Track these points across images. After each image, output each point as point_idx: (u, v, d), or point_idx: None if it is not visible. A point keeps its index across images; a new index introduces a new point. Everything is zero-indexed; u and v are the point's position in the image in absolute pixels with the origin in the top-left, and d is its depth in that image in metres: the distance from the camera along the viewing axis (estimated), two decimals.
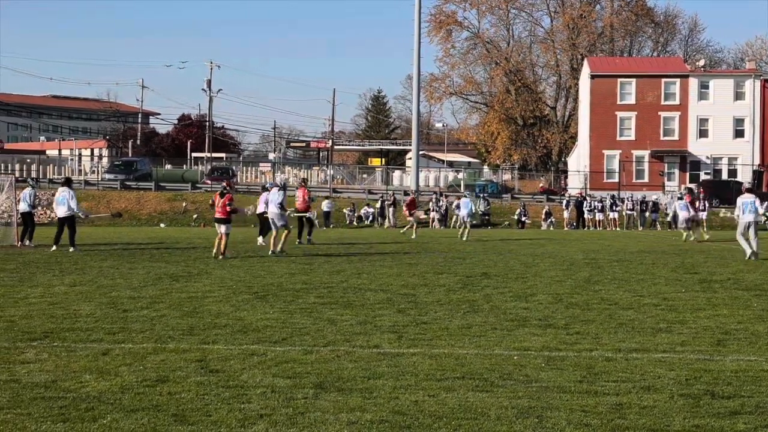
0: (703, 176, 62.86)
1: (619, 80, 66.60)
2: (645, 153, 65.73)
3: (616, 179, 62.46)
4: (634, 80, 66.41)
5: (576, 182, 66.53)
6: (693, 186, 47.36)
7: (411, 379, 7.43)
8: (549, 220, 49.63)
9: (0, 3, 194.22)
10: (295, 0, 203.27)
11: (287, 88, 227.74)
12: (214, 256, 20.55)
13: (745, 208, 21.19)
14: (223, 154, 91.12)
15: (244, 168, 75.64)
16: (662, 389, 7.14)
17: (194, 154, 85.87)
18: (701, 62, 73.28)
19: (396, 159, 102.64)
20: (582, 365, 8.06)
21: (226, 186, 22.05)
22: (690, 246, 27.83)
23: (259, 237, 26.16)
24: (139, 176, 60.16)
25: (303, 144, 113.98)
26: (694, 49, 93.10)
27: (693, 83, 65.87)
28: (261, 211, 25.48)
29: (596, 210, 49.27)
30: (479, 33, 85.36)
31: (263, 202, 25.39)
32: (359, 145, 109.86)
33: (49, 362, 8.07)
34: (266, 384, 7.22)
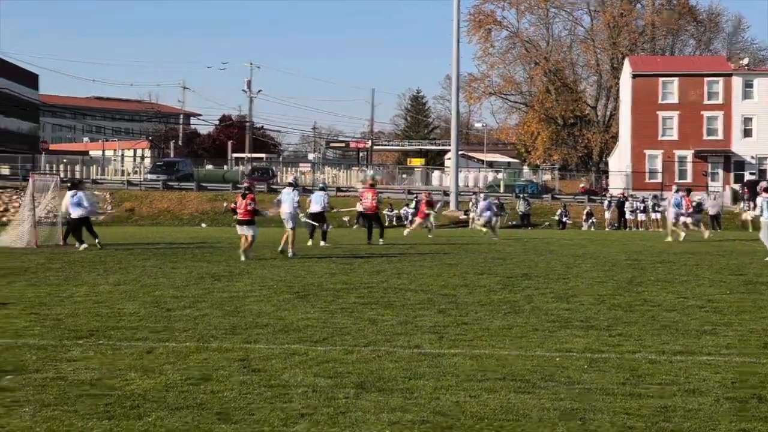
0: (748, 176, 62.01)
1: (661, 79, 65.96)
2: (688, 153, 65.03)
3: (659, 179, 61.88)
4: (676, 79, 65.72)
5: (617, 182, 66.01)
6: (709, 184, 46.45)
7: (452, 380, 7.42)
8: (590, 221, 49.28)
9: (45, 6, 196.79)
10: (337, 1, 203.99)
11: (327, 89, 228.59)
12: (242, 256, 20.23)
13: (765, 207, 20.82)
14: (263, 155, 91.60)
15: (284, 168, 75.90)
16: (707, 392, 7.06)
17: (235, 155, 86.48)
18: (745, 61, 72.30)
19: (435, 159, 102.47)
20: (625, 367, 7.99)
21: (248, 186, 21.57)
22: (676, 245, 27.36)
23: (322, 241, 26.18)
24: (181, 176, 60.63)
25: (342, 144, 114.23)
26: (738, 48, 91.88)
27: (737, 82, 65.04)
28: (314, 211, 25.93)
29: (638, 211, 48.82)
30: (518, 32, 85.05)
31: (314, 203, 25.91)
32: (398, 146, 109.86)
33: (95, 360, 8.17)
34: (307, 383, 7.25)
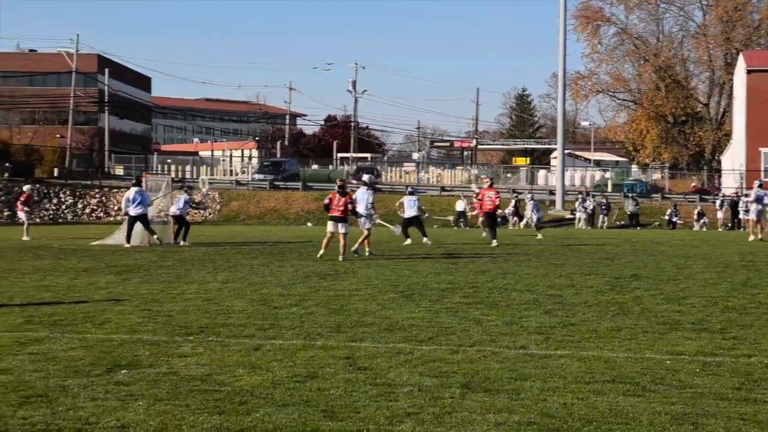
0: None
1: None
2: None
3: None
4: None
5: (731, 182, 64.02)
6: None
7: (559, 381, 7.32)
8: (702, 221, 47.95)
9: (160, 11, 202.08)
10: (439, 0, 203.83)
11: (431, 88, 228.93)
12: (320, 257, 20.09)
13: None
14: (368, 154, 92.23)
15: (389, 168, 76.31)
16: None
17: (340, 155, 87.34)
18: None
19: (541, 158, 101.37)
20: (740, 371, 7.74)
21: (343, 185, 21.27)
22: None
23: (425, 237, 26.33)
24: (287, 176, 61.50)
25: (447, 144, 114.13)
26: None
27: None
28: (409, 216, 26.41)
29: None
30: (627, 29, 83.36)
31: (407, 207, 26.38)
32: (503, 145, 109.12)
33: (205, 356, 8.34)
34: (413, 383, 7.25)
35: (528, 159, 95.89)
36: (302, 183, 59.07)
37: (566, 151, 51.33)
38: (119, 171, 69.90)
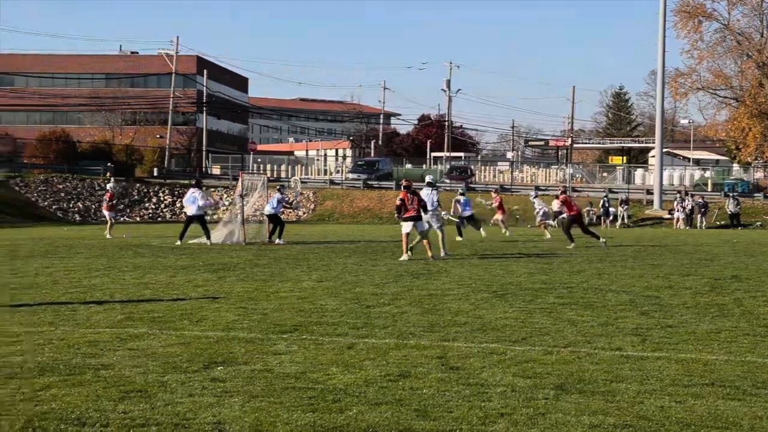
0: None
1: None
2: None
3: None
4: None
5: None
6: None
7: (656, 384, 7.17)
8: None
9: (255, 12, 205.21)
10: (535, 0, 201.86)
11: (526, 87, 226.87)
12: (408, 259, 19.79)
13: None
14: (462, 154, 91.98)
15: (482, 167, 75.95)
16: None
17: (433, 154, 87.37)
18: None
19: (638, 157, 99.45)
20: None
21: (408, 185, 20.85)
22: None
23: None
24: (381, 175, 61.76)
25: (541, 142, 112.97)
26: None
27: None
28: (467, 214, 28.06)
29: None
30: (729, 24, 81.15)
31: (465, 207, 27.99)
32: (599, 143, 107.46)
33: (299, 354, 8.43)
34: (506, 383, 7.19)
35: (625, 158, 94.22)
36: (396, 182, 59.19)
37: (664, 150, 50.20)
38: (216, 171, 71.24)
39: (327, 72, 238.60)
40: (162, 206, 55.83)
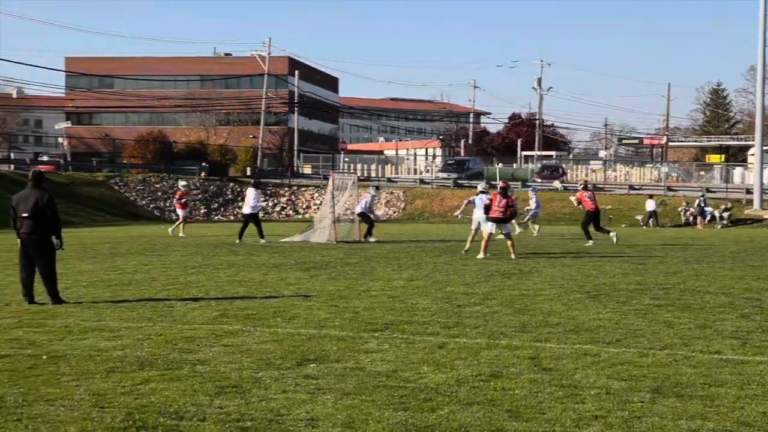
0: None
1: None
2: None
3: None
4: None
5: None
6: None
7: (757, 389, 6.97)
8: None
9: (346, 11, 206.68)
10: None
11: (619, 84, 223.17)
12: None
13: None
14: (553, 152, 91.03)
15: (574, 166, 74.97)
16: None
17: (524, 153, 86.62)
18: None
19: (737, 155, 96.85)
20: None
21: (505, 187, 20.74)
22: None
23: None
24: (471, 175, 61.52)
25: (635, 141, 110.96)
26: None
27: None
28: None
29: None
30: None
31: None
32: (696, 141, 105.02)
33: (390, 352, 8.45)
34: (600, 385, 7.08)
35: (723, 156, 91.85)
36: (486, 181, 58.93)
37: (765, 148, 48.71)
38: (307, 170, 71.95)
39: (417, 71, 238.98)
40: None
